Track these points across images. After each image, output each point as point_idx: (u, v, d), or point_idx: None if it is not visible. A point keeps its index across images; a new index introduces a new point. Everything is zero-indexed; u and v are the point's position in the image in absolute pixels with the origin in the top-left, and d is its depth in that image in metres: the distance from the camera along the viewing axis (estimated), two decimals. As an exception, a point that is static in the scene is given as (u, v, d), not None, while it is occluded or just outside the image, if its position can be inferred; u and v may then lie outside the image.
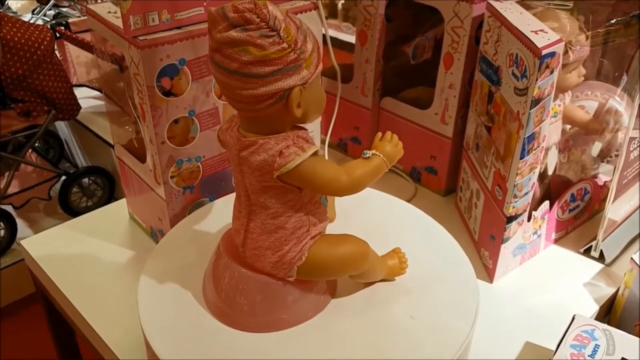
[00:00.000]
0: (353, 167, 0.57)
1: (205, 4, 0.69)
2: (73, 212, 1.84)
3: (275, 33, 0.50)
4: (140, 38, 0.65)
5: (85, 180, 1.86)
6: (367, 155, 0.58)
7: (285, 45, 0.50)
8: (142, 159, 0.79)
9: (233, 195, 0.63)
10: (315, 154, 0.55)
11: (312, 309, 0.62)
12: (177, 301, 0.64)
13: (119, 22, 0.68)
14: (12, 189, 1.73)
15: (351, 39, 1.05)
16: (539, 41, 0.66)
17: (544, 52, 0.64)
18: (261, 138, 0.55)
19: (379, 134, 0.60)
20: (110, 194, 1.91)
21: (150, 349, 0.60)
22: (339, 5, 1.42)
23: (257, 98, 0.52)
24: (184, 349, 0.59)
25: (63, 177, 1.81)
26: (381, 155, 0.58)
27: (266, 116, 0.54)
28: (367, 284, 0.66)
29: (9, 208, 1.72)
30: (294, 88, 0.52)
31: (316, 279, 0.61)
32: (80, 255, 0.85)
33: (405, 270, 0.67)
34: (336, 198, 0.75)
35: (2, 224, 1.68)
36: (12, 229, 1.71)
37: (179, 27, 0.68)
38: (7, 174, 1.71)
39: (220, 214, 0.77)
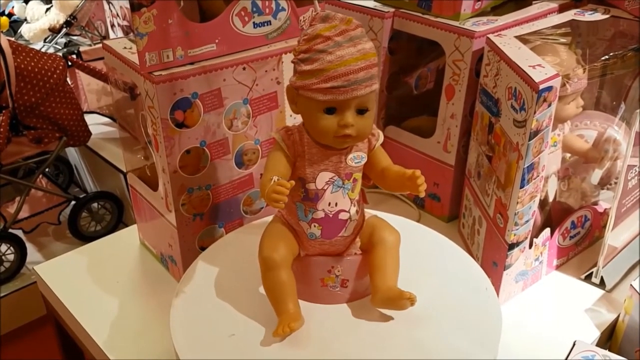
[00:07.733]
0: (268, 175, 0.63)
1: (217, 40, 0.72)
2: (82, 236, 1.85)
3: (303, 37, 0.62)
4: (156, 73, 0.68)
5: (95, 205, 1.89)
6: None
7: (297, 48, 0.62)
8: (153, 186, 0.82)
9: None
10: (279, 147, 0.65)
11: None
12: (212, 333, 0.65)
13: (134, 58, 0.71)
14: (22, 214, 1.75)
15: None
16: (537, 76, 0.68)
17: (541, 86, 0.67)
18: None
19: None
20: (119, 218, 1.93)
21: None
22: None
23: None
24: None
25: (72, 202, 1.84)
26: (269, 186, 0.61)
27: None
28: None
29: (19, 233, 1.74)
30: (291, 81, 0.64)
31: None
32: (92, 280, 0.87)
33: (278, 335, 0.61)
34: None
35: (12, 248, 1.71)
36: (22, 253, 1.73)
37: (192, 63, 0.71)
38: (17, 199, 1.74)
39: (238, 243, 0.78)
